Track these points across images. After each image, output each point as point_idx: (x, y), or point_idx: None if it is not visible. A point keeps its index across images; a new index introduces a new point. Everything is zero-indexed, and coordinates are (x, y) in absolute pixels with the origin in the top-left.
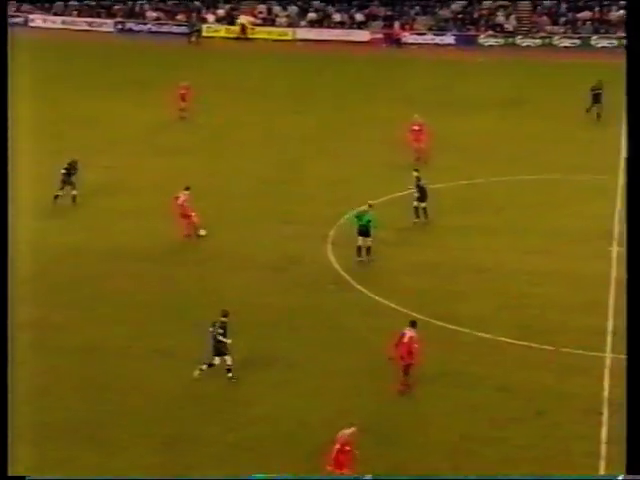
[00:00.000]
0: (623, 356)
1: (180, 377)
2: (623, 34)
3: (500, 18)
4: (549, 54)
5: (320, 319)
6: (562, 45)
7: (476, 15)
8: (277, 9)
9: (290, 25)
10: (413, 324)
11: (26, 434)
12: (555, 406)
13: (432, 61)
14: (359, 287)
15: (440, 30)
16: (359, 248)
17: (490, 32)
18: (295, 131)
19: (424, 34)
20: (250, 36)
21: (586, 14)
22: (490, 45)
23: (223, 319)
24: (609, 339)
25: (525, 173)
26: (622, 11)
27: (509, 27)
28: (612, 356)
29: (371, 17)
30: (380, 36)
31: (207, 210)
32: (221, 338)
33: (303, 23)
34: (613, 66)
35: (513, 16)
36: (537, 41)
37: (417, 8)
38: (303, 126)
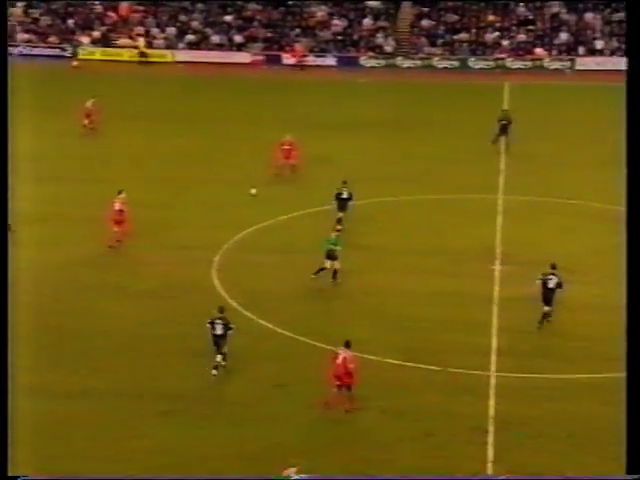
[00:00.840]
0: (507, 374)
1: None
2: (499, 55)
3: (380, 39)
4: (429, 75)
5: (205, 347)
6: (441, 66)
7: (356, 36)
8: (155, 31)
9: (168, 47)
10: (347, 344)
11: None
12: (442, 426)
13: (314, 83)
14: (247, 313)
15: (321, 52)
16: (322, 269)
17: (371, 53)
18: (177, 155)
19: (305, 56)
20: (150, 59)
21: (463, 36)
22: (371, 66)
23: (221, 315)
24: (493, 358)
25: (408, 194)
26: (497, 33)
27: (389, 48)
28: (497, 374)
29: (251, 39)
30: (261, 58)
31: (87, 239)
32: (220, 332)
33: (181, 45)
34: (491, 87)
35: (392, 37)
36: (417, 62)
37: (297, 30)
38: (185, 150)
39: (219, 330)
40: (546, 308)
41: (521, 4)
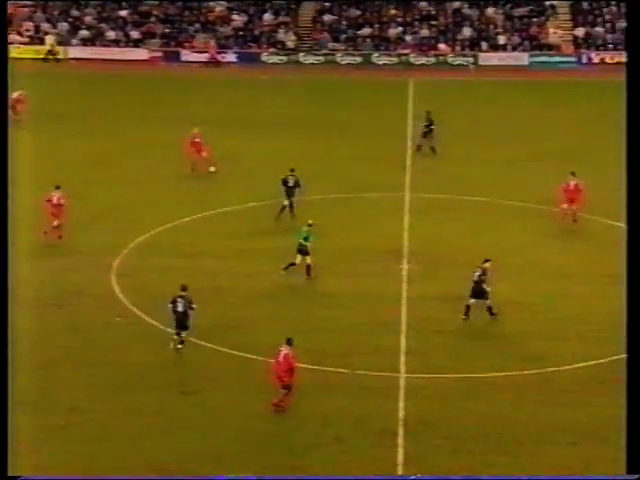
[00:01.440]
0: (417, 375)
1: None
2: (403, 51)
3: (281, 35)
4: (332, 71)
5: (106, 356)
6: (344, 62)
7: (257, 32)
8: (45, 26)
9: (60, 43)
10: (289, 342)
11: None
12: (351, 430)
13: (214, 80)
14: (148, 319)
15: (221, 48)
16: (292, 264)
17: (272, 49)
18: (73, 156)
19: (205, 52)
20: (58, 57)
21: (366, 31)
22: (273, 62)
23: (183, 293)
24: (402, 359)
25: (314, 193)
26: (400, 28)
27: (290, 44)
28: (406, 376)
29: (148, 35)
30: (159, 54)
31: None
32: (181, 309)
33: (75, 41)
34: (395, 83)
35: (293, 33)
36: (320, 58)
37: (197, 25)
38: (81, 150)
39: (180, 307)
40: (472, 301)
41: None
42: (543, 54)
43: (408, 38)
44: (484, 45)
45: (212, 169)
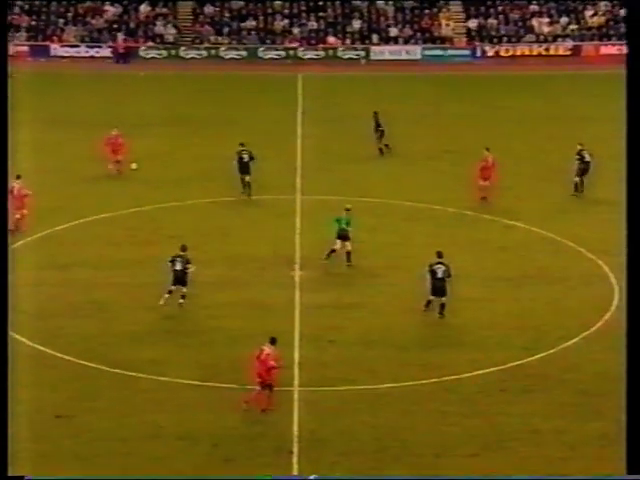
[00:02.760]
0: (311, 389)
1: None
2: (290, 44)
3: (160, 28)
4: (216, 66)
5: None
6: (228, 57)
7: (133, 25)
8: None
9: None
10: (272, 341)
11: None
12: (243, 450)
13: (88, 76)
14: (15, 335)
15: (94, 42)
16: (333, 251)
17: (150, 43)
18: None
19: (77, 46)
20: None
21: (250, 23)
22: (152, 57)
23: (183, 253)
24: (296, 371)
25: (198, 197)
26: (287, 20)
27: (170, 38)
28: (301, 389)
29: (12, 28)
30: (25, 49)
31: None
32: (179, 267)
33: None
34: (283, 79)
35: (173, 25)
36: (202, 52)
37: (67, 16)
38: None
39: (178, 265)
40: (438, 298)
41: None
42: (436, 47)
43: (295, 31)
44: (375, 38)
45: (134, 166)
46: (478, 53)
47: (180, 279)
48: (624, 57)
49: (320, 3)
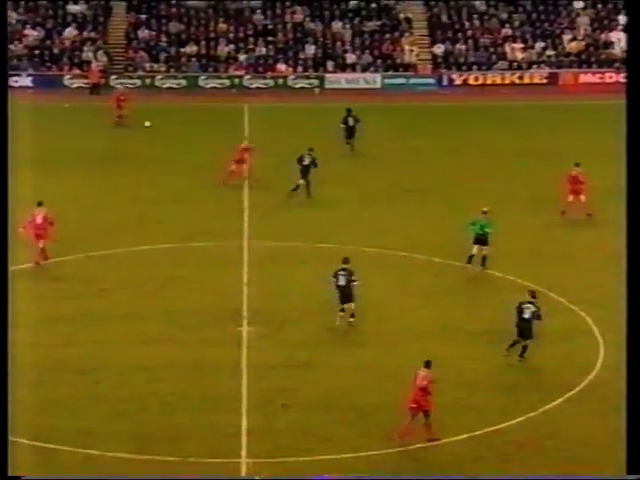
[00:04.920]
0: (262, 460)
1: None
2: (235, 72)
3: (88, 54)
4: (151, 97)
5: None
6: (166, 86)
7: (57, 50)
8: None
9: None
10: (427, 364)
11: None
12: None
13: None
14: None
15: (13, 69)
16: (471, 256)
17: (77, 71)
18: None
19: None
20: None
21: (191, 49)
22: (78, 87)
23: (345, 266)
24: (244, 440)
25: (130, 243)
26: (232, 45)
27: (100, 64)
28: (249, 461)
29: None
30: None
31: None
32: (343, 283)
33: None
34: (227, 110)
35: (103, 51)
36: (136, 81)
37: None
38: None
39: (342, 281)
40: (522, 340)
41: (258, 11)
42: (398, 75)
43: (241, 57)
44: (330, 65)
45: (147, 123)
46: (445, 81)
47: (345, 295)
48: (605, 86)
49: (269, 27)
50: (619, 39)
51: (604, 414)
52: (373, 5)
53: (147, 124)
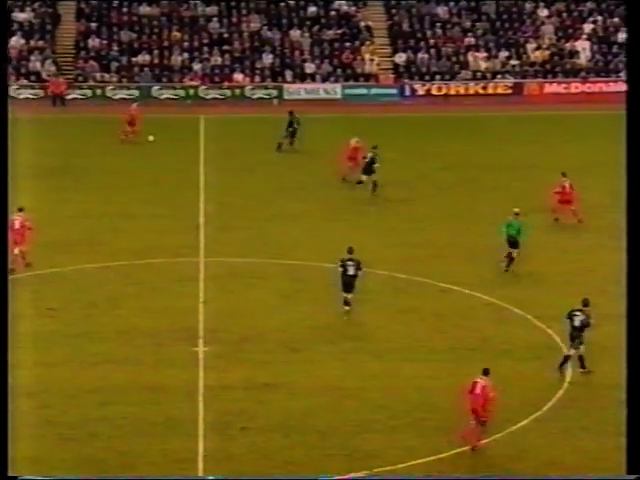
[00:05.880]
0: None
1: None
2: (190, 82)
3: (35, 64)
4: (102, 108)
5: None
6: (117, 97)
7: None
8: None
9: None
10: (486, 372)
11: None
12: None
13: None
14: None
15: None
16: (512, 259)
17: (24, 81)
18: None
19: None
20: None
21: (143, 58)
22: (26, 98)
23: (351, 255)
24: (200, 466)
25: (79, 261)
26: (186, 55)
27: (46, 74)
28: None
29: None
30: None
31: None
32: (352, 273)
33: None
34: (182, 122)
35: (51, 61)
36: (86, 92)
37: None
38: None
39: (351, 271)
40: (571, 351)
41: (213, 19)
42: (359, 85)
43: (196, 67)
44: (289, 75)
45: (151, 138)
46: (407, 92)
47: (351, 285)
48: (571, 96)
49: (225, 35)
50: (584, 48)
51: (571, 434)
52: (333, 13)
53: (150, 138)
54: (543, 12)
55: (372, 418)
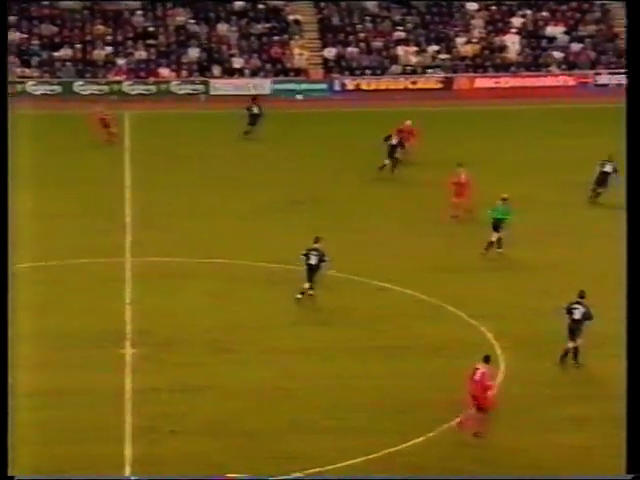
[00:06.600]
0: None
1: None
2: (114, 77)
3: None
4: (22, 104)
5: None
6: (38, 93)
7: None
8: None
9: None
10: (486, 359)
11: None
12: None
13: None
14: None
15: None
16: (491, 243)
17: None
18: None
19: None
20: None
21: (65, 52)
22: None
23: (316, 245)
24: (127, 471)
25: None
26: (110, 49)
27: None
28: None
29: None
30: None
31: None
32: (314, 262)
33: None
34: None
35: None
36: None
37: None
38: None
39: (313, 260)
40: (570, 344)
41: (138, 12)
42: (288, 80)
43: (120, 62)
44: (216, 70)
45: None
46: (337, 87)
47: (314, 274)
48: (501, 91)
49: (150, 29)
50: (513, 42)
51: (506, 431)
52: (261, 6)
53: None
54: (473, 6)
55: (303, 419)
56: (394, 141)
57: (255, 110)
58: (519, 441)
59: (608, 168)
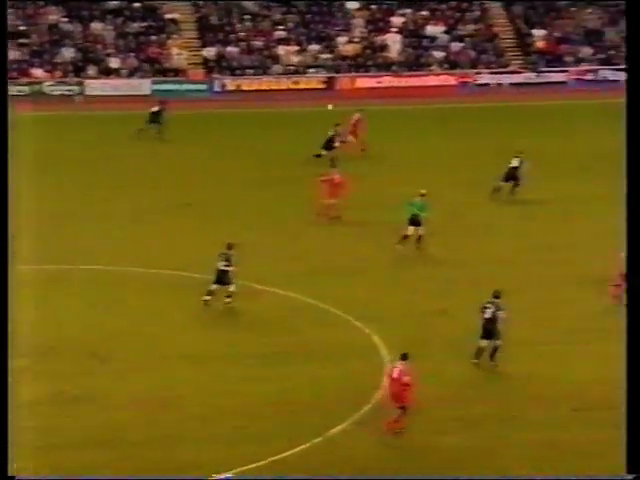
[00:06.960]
0: None
1: None
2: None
3: None
4: None
5: None
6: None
7: None
8: None
9: None
10: (404, 356)
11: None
12: None
13: None
14: None
15: None
16: (405, 237)
17: None
18: None
19: None
20: None
21: None
22: None
23: (228, 251)
24: None
25: None
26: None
27: None
28: None
29: None
30: None
31: None
32: (224, 267)
33: None
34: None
35: None
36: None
37: None
38: None
39: (221, 265)
40: (483, 343)
41: (9, 11)
42: (168, 80)
43: None
44: (92, 70)
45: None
46: (217, 87)
47: (223, 278)
48: (382, 91)
49: (21, 28)
50: (394, 42)
51: (392, 434)
52: (136, 5)
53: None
54: (353, 4)
55: (187, 427)
56: (332, 132)
57: (155, 108)
58: (403, 443)
59: (515, 162)
